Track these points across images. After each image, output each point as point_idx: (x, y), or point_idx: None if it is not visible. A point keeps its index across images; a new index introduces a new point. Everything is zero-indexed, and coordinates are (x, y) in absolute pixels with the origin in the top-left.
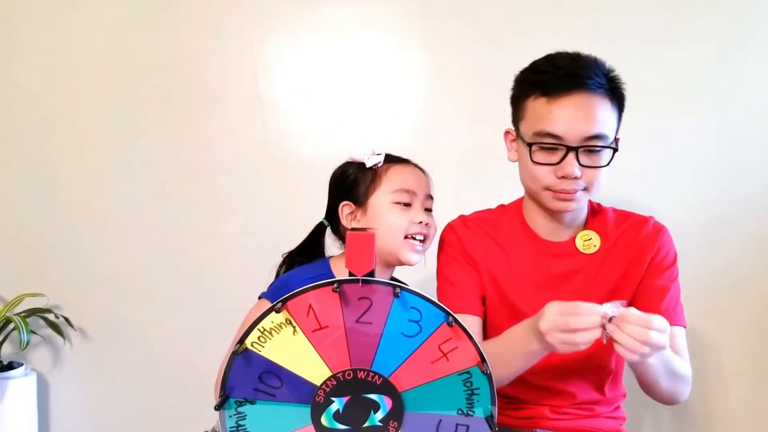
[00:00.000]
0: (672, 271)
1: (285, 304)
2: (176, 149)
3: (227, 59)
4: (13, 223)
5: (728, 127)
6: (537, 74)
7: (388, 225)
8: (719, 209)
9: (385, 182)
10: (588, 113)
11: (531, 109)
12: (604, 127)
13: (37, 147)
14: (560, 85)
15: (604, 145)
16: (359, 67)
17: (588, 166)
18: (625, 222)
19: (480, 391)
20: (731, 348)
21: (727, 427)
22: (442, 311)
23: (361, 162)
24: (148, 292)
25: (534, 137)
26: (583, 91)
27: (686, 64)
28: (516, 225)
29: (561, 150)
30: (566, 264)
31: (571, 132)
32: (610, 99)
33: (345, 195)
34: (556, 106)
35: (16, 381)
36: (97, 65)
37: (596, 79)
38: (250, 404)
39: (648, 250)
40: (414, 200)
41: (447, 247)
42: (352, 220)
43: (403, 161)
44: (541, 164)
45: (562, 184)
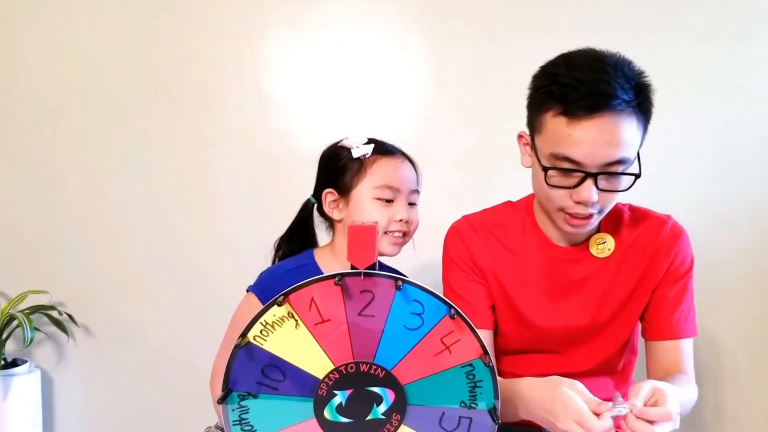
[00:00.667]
0: (686, 280)
1: (287, 297)
2: (177, 148)
3: (227, 57)
4: (16, 220)
5: (729, 125)
6: (557, 86)
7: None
8: (719, 208)
9: (370, 175)
10: (612, 139)
11: (550, 126)
12: (627, 150)
13: (39, 145)
14: (583, 106)
15: (625, 170)
16: (359, 65)
17: (606, 191)
18: (642, 223)
19: (483, 384)
20: (732, 345)
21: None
22: (444, 304)
23: (350, 148)
24: (151, 290)
25: (551, 159)
26: (608, 113)
27: (686, 61)
28: (527, 227)
29: (578, 173)
30: (580, 270)
31: (592, 158)
32: (637, 115)
33: (331, 181)
34: (578, 129)
35: (20, 378)
36: (98, 64)
37: (623, 96)
38: (253, 398)
39: (665, 256)
40: (397, 196)
41: (453, 254)
42: (334, 209)
43: (391, 153)
44: (556, 187)
45: (578, 208)
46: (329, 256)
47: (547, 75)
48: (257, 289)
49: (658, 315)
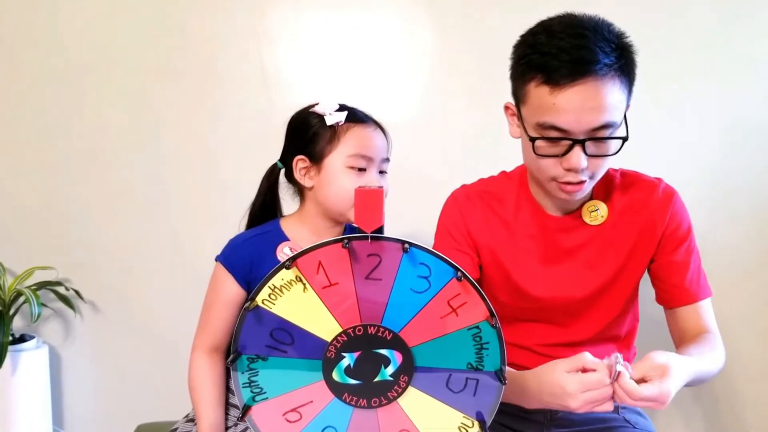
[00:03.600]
0: (689, 242)
1: (295, 261)
2: (182, 125)
3: (231, 35)
4: (22, 196)
5: (739, 92)
6: (538, 55)
7: (340, 188)
8: (728, 178)
9: (343, 144)
10: (596, 104)
11: (533, 96)
12: (612, 114)
13: (46, 122)
14: (564, 74)
15: (612, 135)
16: (364, 40)
17: (595, 156)
18: (633, 186)
19: (489, 346)
20: (739, 327)
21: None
22: (451, 267)
23: (322, 115)
24: (157, 266)
25: (537, 129)
26: (590, 78)
27: (694, 26)
28: (521, 197)
29: (566, 141)
30: (573, 238)
31: (578, 125)
32: (620, 77)
33: (302, 148)
34: (561, 97)
35: (28, 353)
36: (103, 42)
37: (604, 60)
38: (262, 361)
39: (659, 220)
40: (370, 165)
41: (448, 224)
42: (306, 176)
43: (364, 121)
44: (545, 156)
45: (568, 176)
46: (296, 223)
47: (528, 45)
48: (222, 257)
49: (670, 281)
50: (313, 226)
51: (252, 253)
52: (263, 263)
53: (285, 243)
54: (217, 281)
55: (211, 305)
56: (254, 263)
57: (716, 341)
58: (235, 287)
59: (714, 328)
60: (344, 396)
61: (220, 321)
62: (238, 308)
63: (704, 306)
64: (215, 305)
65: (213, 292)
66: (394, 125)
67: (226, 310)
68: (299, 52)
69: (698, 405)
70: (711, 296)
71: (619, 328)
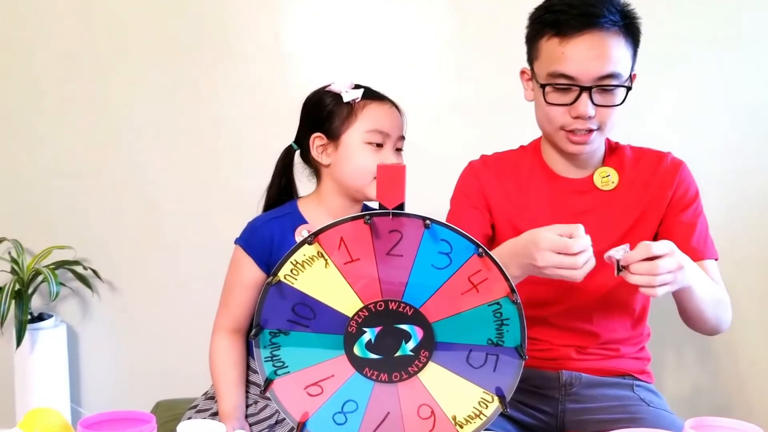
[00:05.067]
0: (696, 206)
1: (317, 237)
2: (197, 102)
3: (247, 11)
4: (40, 177)
5: (757, 68)
6: (550, 13)
7: (358, 164)
8: (745, 156)
9: (360, 120)
10: (601, 53)
11: (544, 49)
12: (617, 65)
13: (63, 102)
14: (573, 25)
15: (618, 83)
16: (379, 17)
17: (602, 105)
18: (643, 158)
19: (510, 322)
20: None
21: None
22: (472, 243)
23: (338, 94)
24: (175, 246)
25: (548, 78)
26: (596, 30)
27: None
28: (535, 164)
29: (574, 90)
30: (584, 201)
31: (584, 72)
32: (624, 35)
33: (318, 126)
34: (569, 46)
35: (46, 332)
36: (119, 20)
37: (609, 16)
38: (284, 335)
39: (668, 186)
40: (386, 141)
41: (464, 186)
42: (323, 153)
43: (381, 99)
44: (554, 105)
45: (576, 123)
46: (314, 203)
47: (541, 8)
48: (241, 241)
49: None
50: (330, 207)
51: (271, 237)
52: (283, 246)
53: (303, 225)
54: (236, 264)
55: (232, 288)
56: (274, 246)
57: (722, 291)
58: (254, 270)
59: (721, 284)
60: (365, 370)
61: (240, 303)
62: (258, 291)
63: (710, 266)
64: (235, 288)
65: (233, 275)
66: (410, 105)
67: (246, 293)
68: (314, 27)
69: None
70: (717, 259)
71: (629, 298)
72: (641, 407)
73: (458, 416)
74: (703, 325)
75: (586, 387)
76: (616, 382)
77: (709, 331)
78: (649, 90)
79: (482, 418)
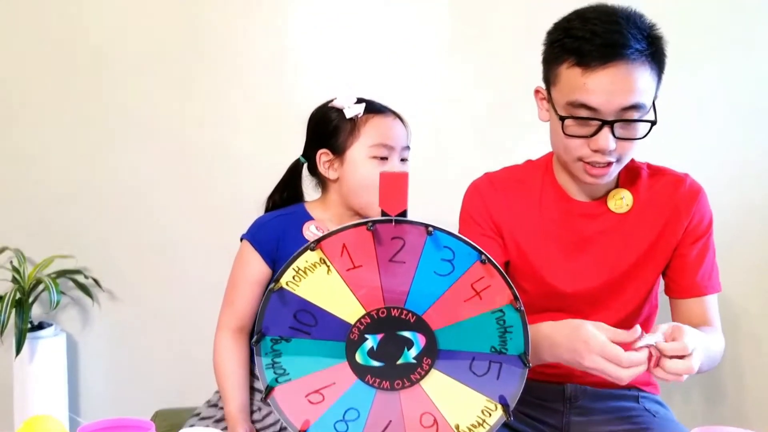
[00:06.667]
0: (707, 237)
1: (319, 243)
2: (199, 108)
3: (250, 16)
4: (42, 185)
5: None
6: (571, 38)
7: (363, 178)
8: (752, 168)
9: (364, 135)
10: (626, 86)
11: (564, 77)
12: (642, 96)
13: (63, 109)
14: (596, 56)
15: (641, 117)
16: (380, 26)
17: (623, 138)
18: (660, 180)
19: (513, 329)
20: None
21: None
22: (474, 250)
23: (341, 109)
24: (176, 256)
25: (567, 108)
26: (621, 62)
27: (714, 15)
28: (546, 183)
29: (595, 122)
30: (596, 225)
31: (607, 104)
32: (650, 64)
33: (324, 142)
34: (592, 78)
35: (46, 341)
36: (125, 30)
37: (635, 46)
38: (286, 342)
39: (684, 214)
40: (391, 154)
41: (471, 210)
42: (329, 168)
43: (383, 112)
44: (574, 137)
45: (596, 156)
46: (320, 208)
47: (561, 29)
48: (249, 235)
49: (681, 274)
50: (335, 214)
51: (278, 231)
52: (289, 241)
53: (311, 222)
54: (242, 260)
55: (237, 284)
56: (280, 241)
57: (717, 334)
58: (261, 265)
59: (717, 323)
60: (367, 378)
61: (245, 300)
62: (263, 287)
63: (711, 301)
64: (241, 284)
65: (238, 271)
66: (412, 116)
67: (251, 289)
68: (317, 36)
69: (709, 395)
70: (719, 292)
71: (639, 317)
72: (647, 417)
73: (461, 425)
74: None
75: (591, 399)
76: (621, 394)
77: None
78: None
79: (485, 426)
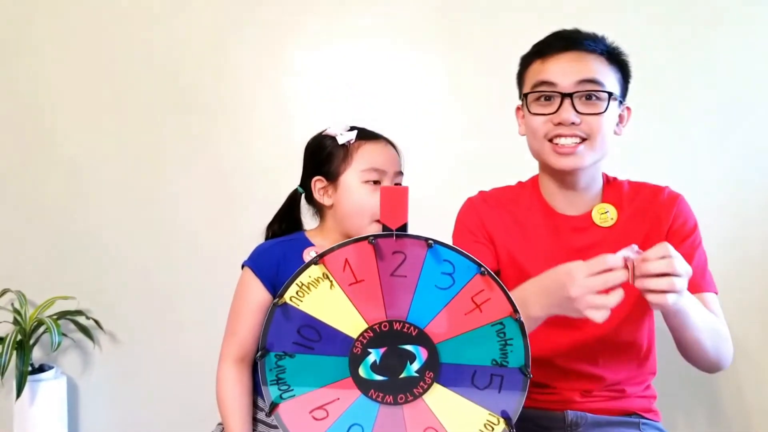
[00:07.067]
0: (693, 239)
1: (322, 258)
2: (203, 155)
3: (253, 65)
4: (44, 227)
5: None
6: (536, 45)
7: (357, 202)
8: (745, 201)
9: (356, 160)
10: (581, 64)
11: (530, 72)
12: (598, 74)
13: (66, 151)
14: (555, 47)
15: (600, 89)
16: (380, 72)
17: (585, 113)
18: (640, 192)
19: (513, 342)
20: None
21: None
22: (474, 263)
23: (334, 136)
24: (177, 299)
25: (530, 89)
26: (578, 50)
27: (699, 46)
28: (533, 200)
29: (556, 98)
30: (583, 238)
31: (564, 78)
32: (607, 59)
33: (318, 169)
34: (551, 61)
35: (47, 383)
36: (129, 73)
37: (591, 43)
38: (290, 358)
39: (664, 219)
40: (383, 178)
41: (465, 221)
42: (324, 195)
43: (375, 138)
44: (538, 114)
45: (560, 129)
46: (319, 236)
47: (531, 46)
48: (250, 262)
49: None
50: (333, 241)
51: (279, 257)
52: (290, 267)
53: (311, 248)
54: (244, 287)
55: (239, 312)
56: (281, 267)
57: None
58: (262, 291)
59: (722, 317)
60: (370, 392)
61: (247, 328)
62: (264, 314)
63: (710, 299)
64: (243, 312)
65: (240, 299)
66: (408, 148)
67: (253, 316)
68: (317, 81)
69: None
70: (716, 293)
71: (634, 335)
72: None
73: None
74: (702, 358)
75: (591, 427)
76: (622, 421)
77: (709, 366)
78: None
79: None
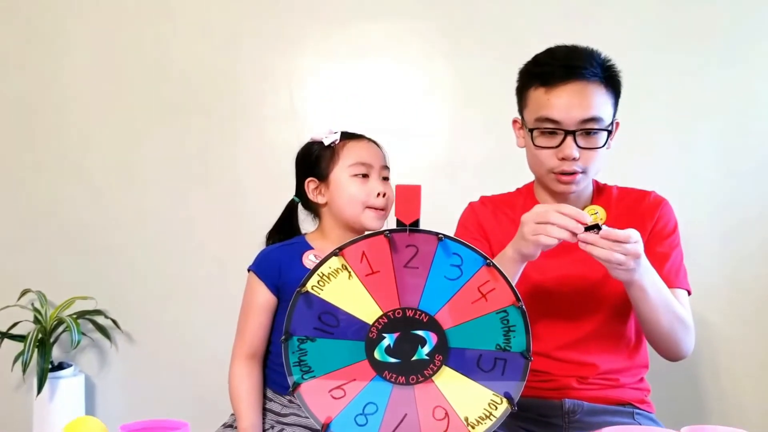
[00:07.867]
0: (672, 239)
1: (342, 251)
2: (214, 162)
3: (263, 76)
4: (64, 229)
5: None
6: (537, 66)
7: (349, 196)
8: (740, 210)
9: (343, 157)
10: (583, 100)
11: (532, 98)
12: (599, 111)
13: (84, 154)
14: (558, 75)
15: (600, 127)
16: (389, 82)
17: (585, 148)
18: (628, 196)
19: (516, 328)
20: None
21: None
22: (480, 256)
23: (320, 141)
24: (193, 300)
25: (535, 123)
26: (579, 80)
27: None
28: (528, 203)
29: (560, 134)
30: None
31: (568, 116)
32: (605, 86)
33: (309, 172)
34: (554, 94)
35: (65, 381)
36: (144, 83)
37: (591, 69)
38: (311, 341)
39: (648, 220)
40: (371, 171)
41: (465, 222)
42: (318, 194)
43: (358, 137)
44: (542, 148)
45: (563, 165)
46: (319, 238)
47: (529, 62)
48: (254, 266)
49: None
50: (333, 239)
51: (281, 260)
52: (291, 269)
53: (310, 251)
54: (250, 290)
55: (247, 314)
56: (282, 269)
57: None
58: (266, 294)
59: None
60: (385, 374)
61: (255, 328)
62: (269, 314)
63: (681, 294)
64: (250, 313)
65: (247, 302)
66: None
67: (259, 316)
68: (326, 94)
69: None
70: (688, 291)
71: (621, 328)
72: None
73: (470, 417)
74: (659, 338)
75: (588, 415)
76: (617, 410)
77: (666, 349)
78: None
79: (492, 419)
